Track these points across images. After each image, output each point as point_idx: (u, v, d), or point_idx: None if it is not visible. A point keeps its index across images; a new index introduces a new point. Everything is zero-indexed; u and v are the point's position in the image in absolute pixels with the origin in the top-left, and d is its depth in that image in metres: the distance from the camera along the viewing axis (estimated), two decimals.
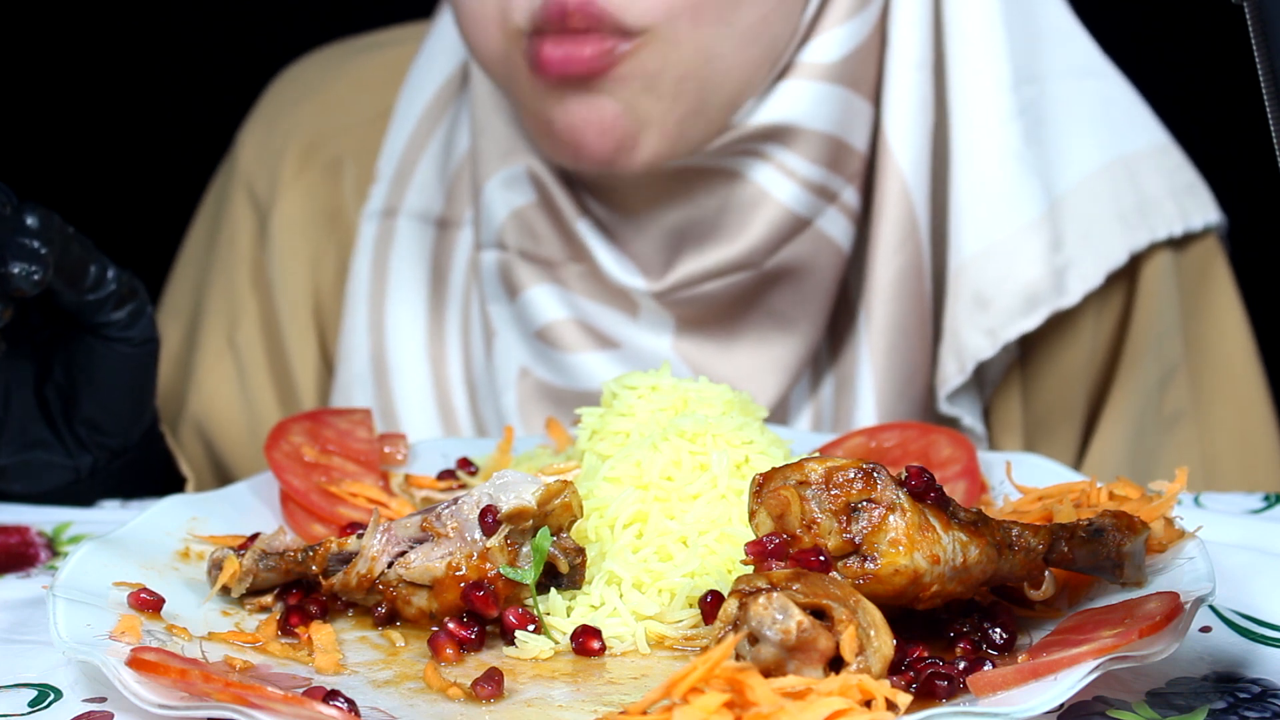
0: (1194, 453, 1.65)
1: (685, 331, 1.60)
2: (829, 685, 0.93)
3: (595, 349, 1.60)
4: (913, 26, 1.57)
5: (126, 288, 1.37)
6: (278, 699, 0.95)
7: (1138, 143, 1.63)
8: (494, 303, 1.64)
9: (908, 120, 1.57)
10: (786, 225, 1.55)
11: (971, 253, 1.57)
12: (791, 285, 1.58)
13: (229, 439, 1.73)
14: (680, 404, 1.25)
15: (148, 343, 1.40)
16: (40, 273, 1.27)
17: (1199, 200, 1.64)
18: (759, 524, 1.05)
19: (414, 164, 1.71)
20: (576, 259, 1.60)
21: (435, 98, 1.72)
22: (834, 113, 1.54)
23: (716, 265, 1.56)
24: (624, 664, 1.07)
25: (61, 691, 1.04)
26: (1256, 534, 1.26)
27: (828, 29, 1.54)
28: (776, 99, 1.52)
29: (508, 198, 1.61)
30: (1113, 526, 1.07)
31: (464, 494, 1.14)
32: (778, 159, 1.54)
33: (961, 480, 1.27)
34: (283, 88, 1.82)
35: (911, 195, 1.57)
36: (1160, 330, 1.63)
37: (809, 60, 1.53)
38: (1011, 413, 1.63)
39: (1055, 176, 1.59)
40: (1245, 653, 1.07)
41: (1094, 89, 1.63)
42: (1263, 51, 0.99)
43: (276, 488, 1.29)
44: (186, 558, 1.20)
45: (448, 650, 1.07)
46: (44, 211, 1.30)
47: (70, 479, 1.43)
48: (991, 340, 1.57)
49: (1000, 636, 1.05)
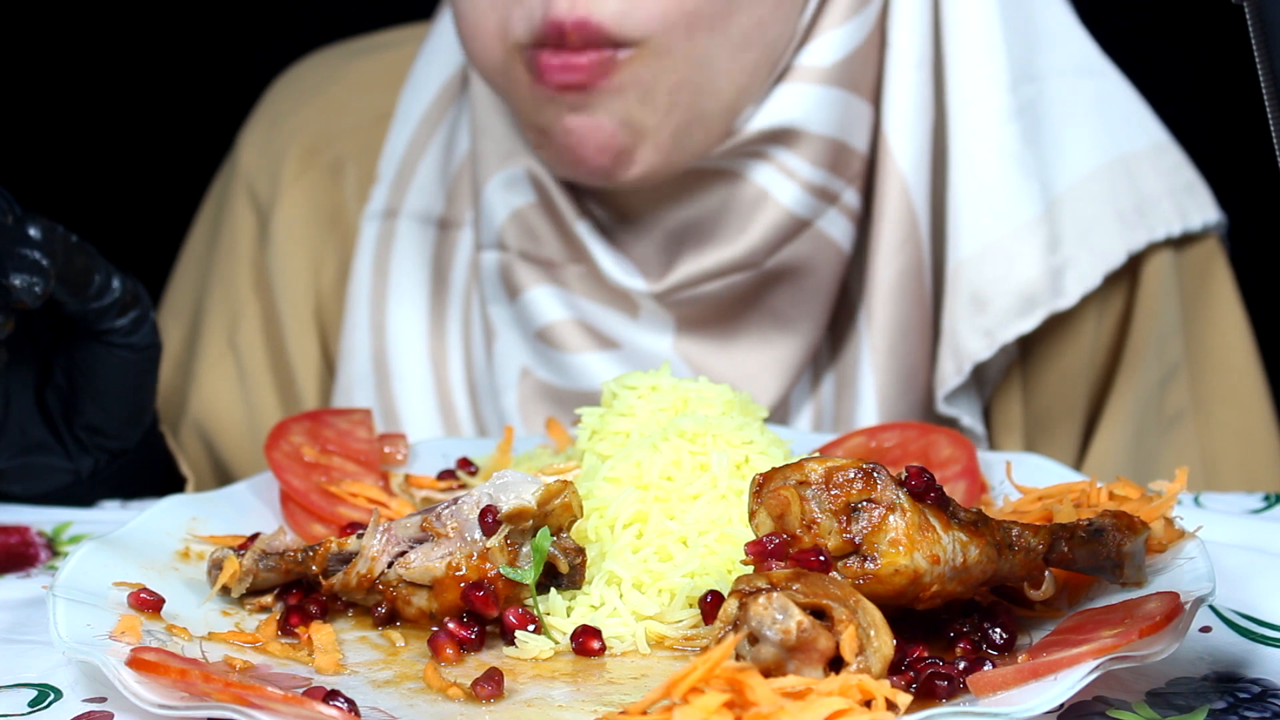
0: (1194, 453, 1.64)
1: (686, 332, 1.60)
2: (829, 685, 0.93)
3: (596, 349, 1.60)
4: (912, 26, 1.57)
5: (130, 294, 1.36)
6: (278, 699, 0.95)
7: (1137, 142, 1.63)
8: (494, 303, 1.64)
9: (908, 121, 1.57)
10: (787, 226, 1.55)
11: (969, 253, 1.57)
12: (792, 285, 1.58)
13: (230, 439, 1.73)
14: (680, 404, 1.25)
15: (149, 348, 1.40)
16: (42, 285, 1.26)
17: (1198, 200, 1.64)
18: (759, 524, 1.05)
19: (415, 165, 1.71)
20: (576, 260, 1.60)
21: (436, 99, 1.72)
22: (834, 115, 1.54)
23: (716, 266, 1.56)
24: (624, 664, 1.07)
25: (61, 691, 1.04)
26: (1256, 534, 1.26)
27: (826, 31, 1.53)
28: (776, 102, 1.52)
29: (508, 199, 1.61)
30: (1113, 526, 1.07)
31: (464, 494, 1.13)
32: (779, 160, 1.54)
33: (961, 480, 1.27)
34: (283, 89, 1.82)
35: (912, 195, 1.57)
36: (1161, 330, 1.63)
37: (807, 63, 1.53)
38: (1011, 412, 1.63)
39: (1053, 177, 1.59)
40: (1245, 653, 1.07)
41: (1093, 88, 1.63)
42: (1263, 51, 0.99)
43: (276, 488, 1.29)
44: (186, 558, 1.20)
45: (448, 650, 1.07)
46: (47, 222, 1.29)
47: (69, 481, 1.42)
48: (989, 341, 1.56)
49: (1000, 636, 1.05)
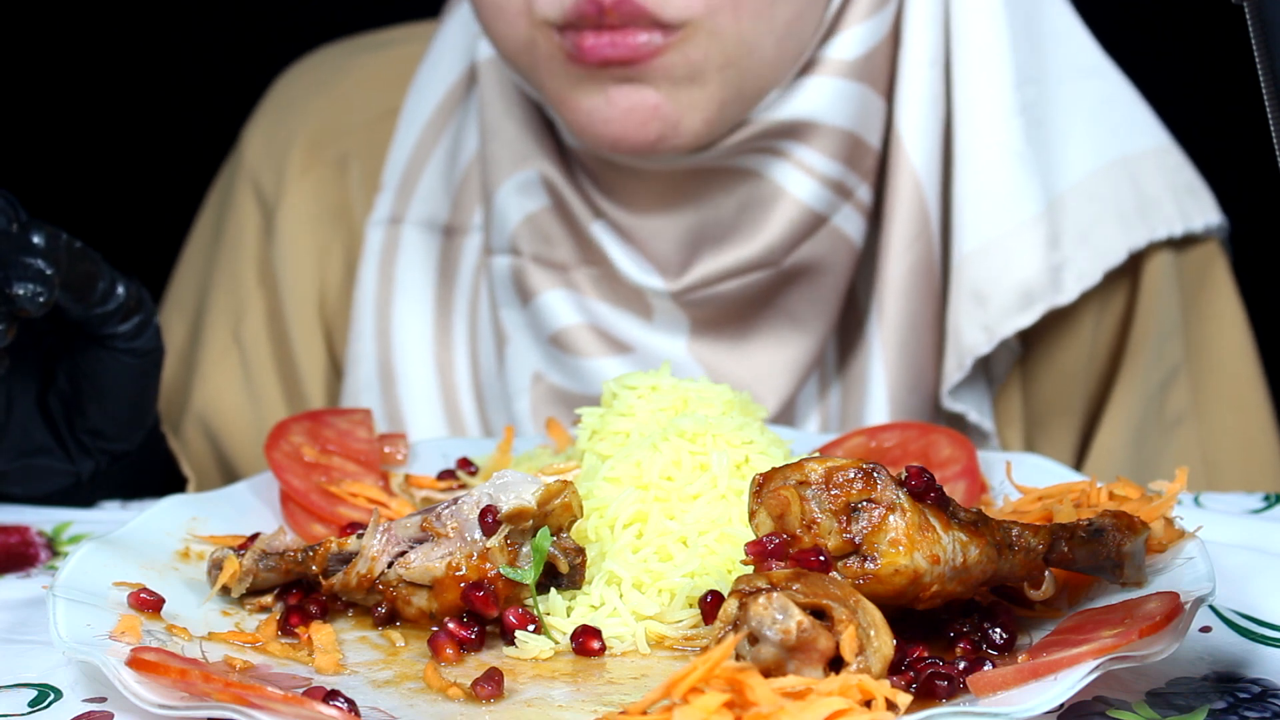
0: (1195, 455, 1.64)
1: (700, 333, 1.60)
2: (829, 685, 0.93)
3: (609, 353, 1.60)
4: (925, 25, 1.57)
5: (133, 300, 1.36)
6: (278, 699, 0.95)
7: (1138, 143, 1.63)
8: (506, 308, 1.64)
9: (920, 117, 1.57)
10: (805, 222, 1.55)
11: (971, 249, 1.57)
12: (807, 284, 1.58)
13: (234, 435, 1.73)
14: (680, 404, 1.25)
15: (152, 353, 1.40)
16: (45, 294, 1.26)
17: (1200, 201, 1.64)
18: (759, 524, 1.05)
19: (419, 171, 1.70)
20: (591, 262, 1.60)
21: (441, 103, 1.71)
22: (853, 109, 1.55)
23: (735, 264, 1.56)
24: (624, 664, 1.07)
25: (61, 691, 1.04)
26: (1256, 534, 1.26)
27: (850, 26, 1.54)
28: (800, 94, 1.53)
29: (521, 203, 1.61)
30: (1113, 526, 1.07)
31: (464, 494, 1.13)
32: (796, 156, 1.54)
33: (961, 480, 1.27)
34: (288, 85, 1.82)
35: (924, 191, 1.57)
36: (1161, 332, 1.63)
37: (832, 56, 1.53)
38: (1013, 408, 1.63)
39: (1055, 175, 1.59)
40: (1245, 653, 1.07)
41: (1095, 89, 1.63)
42: (1263, 51, 0.99)
43: (276, 488, 1.29)
44: (186, 558, 1.20)
45: (448, 650, 1.07)
46: (51, 230, 1.28)
47: (70, 483, 1.42)
48: (988, 336, 1.57)
49: (1000, 636, 1.05)
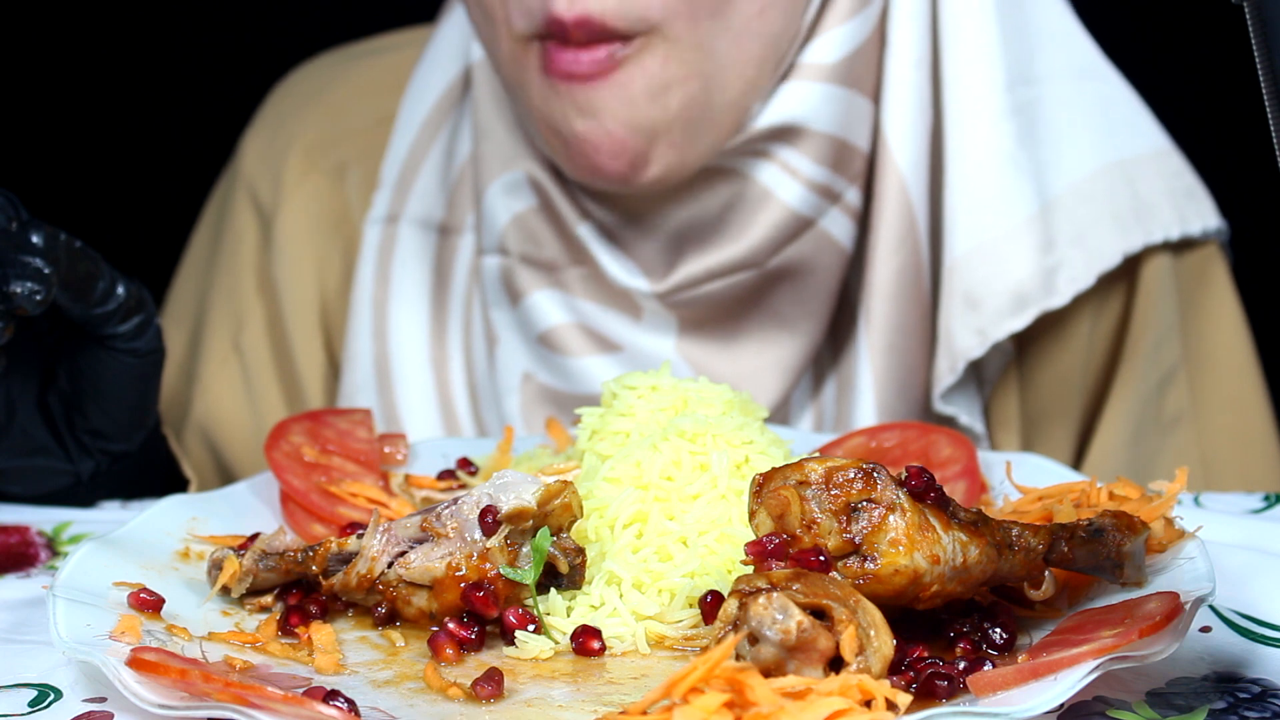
0: (1193, 456, 1.64)
1: (688, 333, 1.60)
2: (829, 685, 0.93)
3: (598, 353, 1.60)
4: (911, 25, 1.57)
5: (134, 300, 1.36)
6: (278, 699, 0.95)
7: (1136, 146, 1.62)
8: (496, 308, 1.64)
9: (906, 120, 1.57)
10: (790, 225, 1.55)
11: (963, 252, 1.57)
12: (794, 285, 1.58)
13: (234, 443, 1.73)
14: (680, 404, 1.25)
15: (153, 353, 1.40)
16: (43, 293, 1.26)
17: (1199, 205, 1.64)
18: (759, 524, 1.05)
19: (416, 170, 1.71)
20: (578, 262, 1.60)
21: (437, 104, 1.72)
22: (838, 113, 1.54)
23: (720, 265, 1.56)
24: (624, 664, 1.07)
25: (61, 691, 1.04)
26: (1256, 534, 1.26)
27: (829, 29, 1.54)
28: (781, 100, 1.53)
29: (509, 203, 1.61)
30: (1113, 526, 1.07)
31: (464, 494, 1.13)
32: (782, 158, 1.54)
33: (961, 480, 1.27)
34: (285, 94, 1.82)
35: (910, 194, 1.57)
36: (1158, 334, 1.63)
37: (811, 61, 1.53)
38: (1009, 410, 1.63)
39: (1049, 178, 1.59)
40: (1245, 653, 1.07)
41: (1093, 91, 1.63)
42: (1263, 52, 0.99)
43: (276, 488, 1.29)
44: (186, 558, 1.20)
45: (448, 650, 1.07)
46: (50, 229, 1.29)
47: (70, 483, 1.42)
48: (981, 340, 1.57)
49: (1000, 636, 1.05)
